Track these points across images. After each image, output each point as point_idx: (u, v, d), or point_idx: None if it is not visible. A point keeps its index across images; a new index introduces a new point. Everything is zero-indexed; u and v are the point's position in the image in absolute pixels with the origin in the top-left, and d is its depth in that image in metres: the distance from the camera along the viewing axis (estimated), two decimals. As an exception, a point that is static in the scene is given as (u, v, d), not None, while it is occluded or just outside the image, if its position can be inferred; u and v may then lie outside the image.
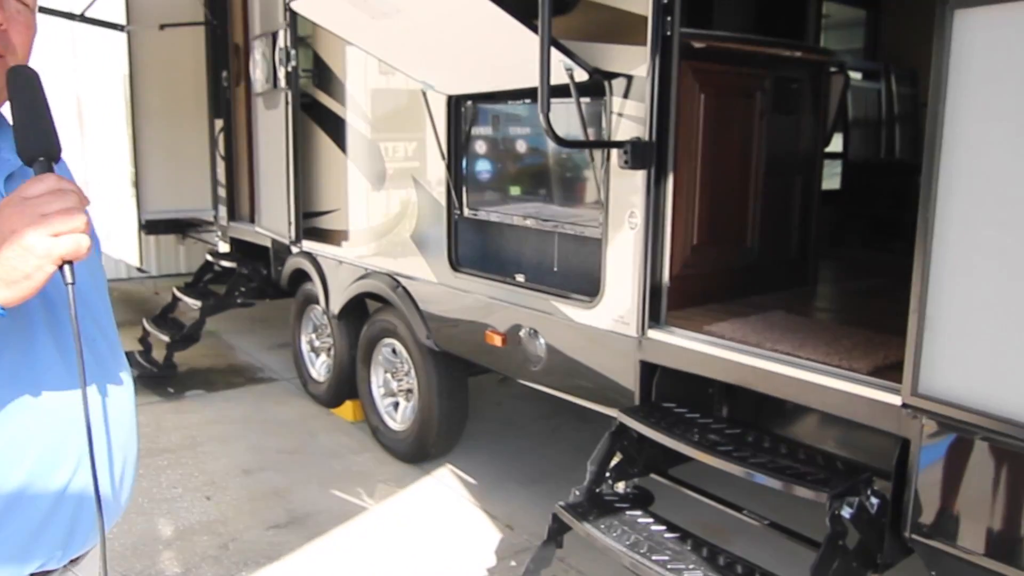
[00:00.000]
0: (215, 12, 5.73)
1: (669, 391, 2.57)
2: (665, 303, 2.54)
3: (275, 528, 3.37)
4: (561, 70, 2.54)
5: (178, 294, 5.65)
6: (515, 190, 3.22)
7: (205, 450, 4.17)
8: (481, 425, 4.33)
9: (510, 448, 4.18)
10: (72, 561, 1.06)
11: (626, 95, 2.55)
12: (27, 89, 0.96)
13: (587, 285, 2.83)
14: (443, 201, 3.43)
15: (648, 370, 2.56)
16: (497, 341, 3.16)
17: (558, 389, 3.01)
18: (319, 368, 4.86)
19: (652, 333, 2.53)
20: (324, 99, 4.35)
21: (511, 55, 2.65)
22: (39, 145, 0.93)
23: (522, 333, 3.04)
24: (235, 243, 5.85)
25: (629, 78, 2.54)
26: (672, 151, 2.48)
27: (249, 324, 6.55)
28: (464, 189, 3.38)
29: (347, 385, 4.51)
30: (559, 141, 2.43)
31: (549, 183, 3.08)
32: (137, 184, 5.88)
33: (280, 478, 3.83)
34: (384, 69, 3.88)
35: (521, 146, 3.17)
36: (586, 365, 2.80)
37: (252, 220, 5.30)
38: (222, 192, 5.83)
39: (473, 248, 3.45)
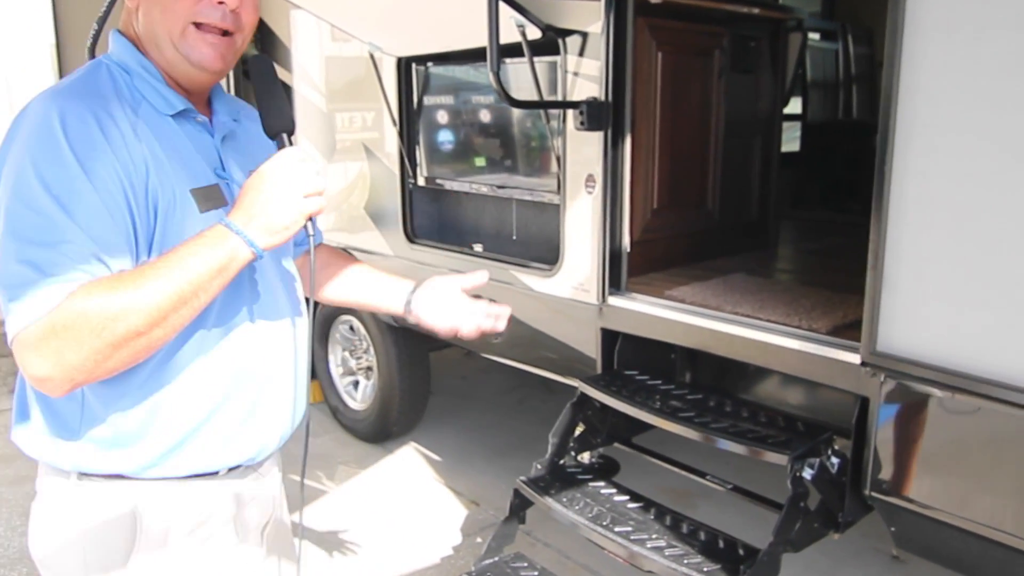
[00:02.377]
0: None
1: (631, 359, 2.59)
2: (625, 269, 2.55)
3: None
4: (512, 27, 2.51)
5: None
6: (471, 156, 3.19)
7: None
8: (445, 400, 4.34)
9: (475, 423, 4.20)
10: (259, 464, 1.30)
11: (581, 53, 2.53)
12: (267, 75, 1.19)
13: (546, 253, 2.83)
14: (396, 170, 3.39)
15: (610, 338, 2.58)
16: (456, 314, 3.14)
17: (521, 361, 3.02)
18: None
19: (612, 300, 2.54)
20: (269, 66, 4.26)
21: (461, 12, 2.61)
22: (281, 123, 1.16)
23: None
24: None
25: (584, 35, 2.52)
26: (629, 111, 2.48)
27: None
28: (418, 157, 3.34)
29: (304, 365, 4.47)
30: (511, 101, 2.41)
31: (506, 148, 3.06)
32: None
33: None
34: (332, 33, 3.81)
35: (476, 110, 3.14)
36: (548, 335, 2.81)
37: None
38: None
39: (429, 218, 3.43)
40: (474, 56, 3.02)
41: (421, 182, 3.35)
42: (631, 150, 2.51)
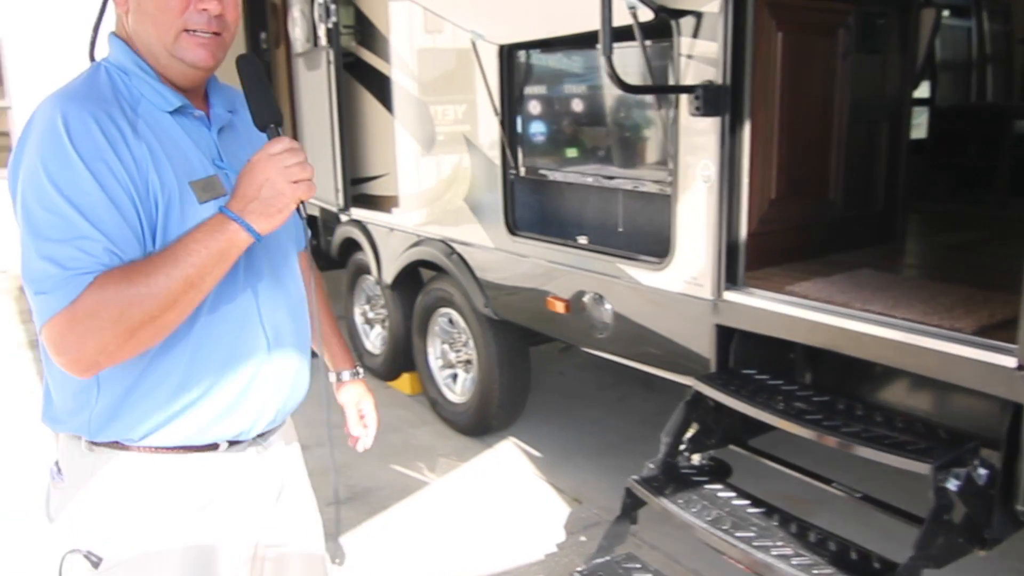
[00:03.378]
0: (251, -29, 5.72)
1: (747, 357, 2.51)
2: (743, 263, 2.47)
3: (336, 504, 3.44)
4: (623, 10, 2.45)
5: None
6: (575, 146, 3.15)
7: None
8: (543, 396, 4.33)
9: (574, 420, 4.17)
10: (261, 435, 1.39)
11: (695, 35, 2.45)
12: (254, 72, 1.27)
13: (656, 245, 2.77)
14: (498, 161, 3.39)
15: (724, 335, 2.50)
16: (559, 308, 3.13)
17: (626, 356, 2.97)
18: (374, 340, 4.91)
19: (729, 295, 2.46)
20: (368, 57, 4.33)
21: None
22: (270, 115, 1.25)
23: (586, 299, 3.00)
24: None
25: (699, 16, 2.43)
26: (748, 96, 2.38)
27: (299, 296, 6.65)
28: (520, 147, 3.32)
29: (403, 357, 4.55)
30: (624, 86, 2.36)
31: (612, 137, 3.00)
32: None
33: (338, 453, 3.86)
34: (431, 21, 3.83)
35: (580, 98, 3.09)
36: (656, 331, 2.75)
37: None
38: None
39: (531, 210, 3.41)
40: (580, 41, 2.97)
41: (523, 173, 3.33)
42: (750, 137, 2.41)
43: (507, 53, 3.24)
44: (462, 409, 4.01)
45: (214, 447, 1.32)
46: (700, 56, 2.44)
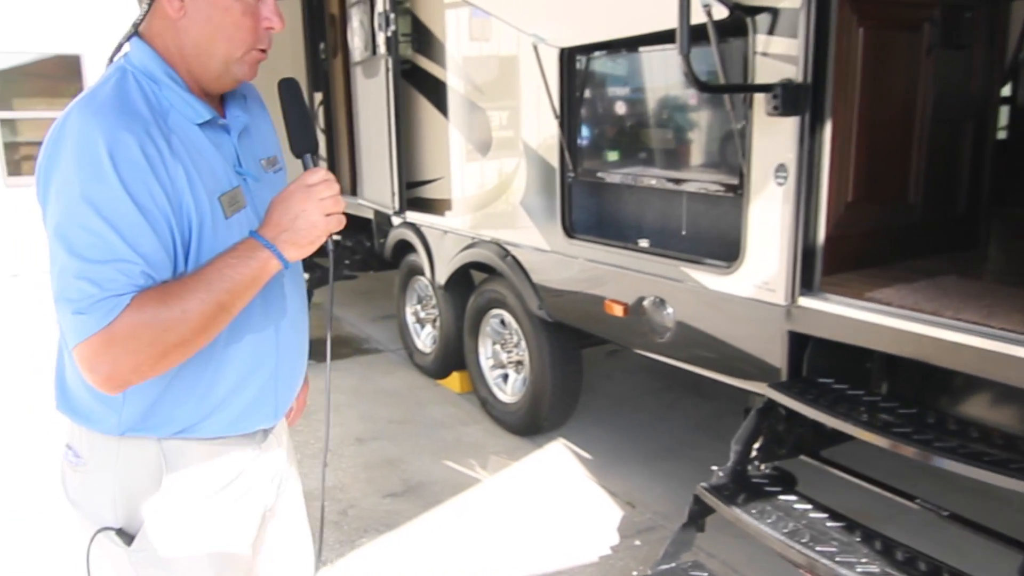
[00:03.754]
0: (311, -18, 5.60)
1: (821, 366, 2.26)
2: (820, 268, 2.22)
3: (391, 496, 3.26)
4: (695, 8, 2.22)
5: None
6: (636, 148, 2.92)
7: (319, 418, 4.09)
8: (592, 399, 4.09)
9: (626, 423, 3.93)
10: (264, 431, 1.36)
11: (771, 31, 2.21)
12: (296, 97, 1.23)
13: (723, 249, 2.53)
14: (555, 163, 3.17)
15: (798, 342, 2.26)
16: (617, 311, 2.90)
17: (687, 361, 2.74)
18: (425, 339, 4.73)
19: (804, 301, 2.21)
20: (425, 64, 4.15)
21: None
22: (308, 144, 1.22)
23: (646, 303, 2.78)
24: (337, 216, 5.76)
25: (777, 12, 2.20)
26: (829, 94, 2.14)
27: (352, 297, 6.51)
28: (578, 150, 3.11)
29: (454, 356, 4.36)
30: (701, 86, 2.13)
31: (675, 139, 2.77)
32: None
33: (393, 447, 3.72)
34: (488, 27, 3.64)
35: (642, 99, 2.87)
36: (722, 336, 2.51)
37: (354, 193, 5.19)
38: (323, 165, 5.74)
39: (588, 212, 3.19)
40: (644, 42, 2.75)
41: (581, 175, 3.12)
42: (831, 137, 2.17)
43: (568, 56, 3.03)
44: (513, 409, 3.80)
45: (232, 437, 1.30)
46: (778, 54, 2.20)
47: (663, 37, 2.58)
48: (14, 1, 7.59)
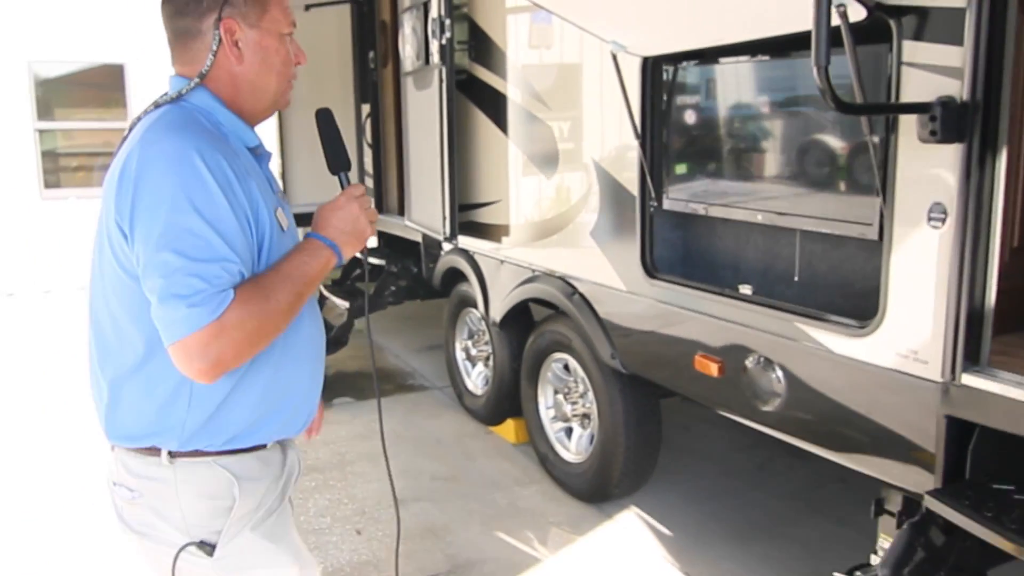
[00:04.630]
0: (361, -11, 5.38)
1: (989, 463, 1.82)
2: (988, 335, 1.79)
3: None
4: (807, 11, 1.83)
5: (325, 293, 5.36)
6: (733, 174, 2.52)
7: (355, 470, 3.79)
8: (670, 456, 3.66)
9: (708, 489, 3.50)
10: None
11: (925, 36, 1.80)
12: (331, 123, 1.50)
13: (851, 303, 2.12)
14: (634, 189, 2.79)
15: (959, 430, 1.82)
16: (712, 370, 2.50)
17: (801, 438, 2.31)
18: (476, 379, 4.38)
19: (969, 378, 1.78)
20: (483, 74, 3.83)
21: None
22: (344, 163, 1.50)
23: (749, 362, 2.36)
24: (383, 238, 5.50)
25: (930, 13, 1.79)
26: (1006, 116, 1.72)
27: (398, 323, 6.21)
28: (663, 174, 2.72)
29: (508, 401, 4.00)
30: (841, 105, 1.73)
31: (784, 164, 2.36)
32: (284, 176, 5.66)
33: (437, 512, 3.37)
34: (557, 33, 3.29)
35: (743, 116, 2.47)
36: (851, 414, 2.09)
37: (401, 213, 4.90)
38: (369, 183, 5.49)
39: (674, 248, 2.80)
40: (746, 51, 2.36)
41: (667, 204, 2.73)
42: (1005, 169, 1.75)
43: (652, 66, 2.65)
44: (578, 471, 3.41)
45: (264, 445, 1.43)
46: (934, 65, 1.79)
47: (774, 44, 2.19)
48: (58, 11, 7.60)
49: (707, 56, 2.53)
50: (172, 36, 1.38)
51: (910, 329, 1.89)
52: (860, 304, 2.06)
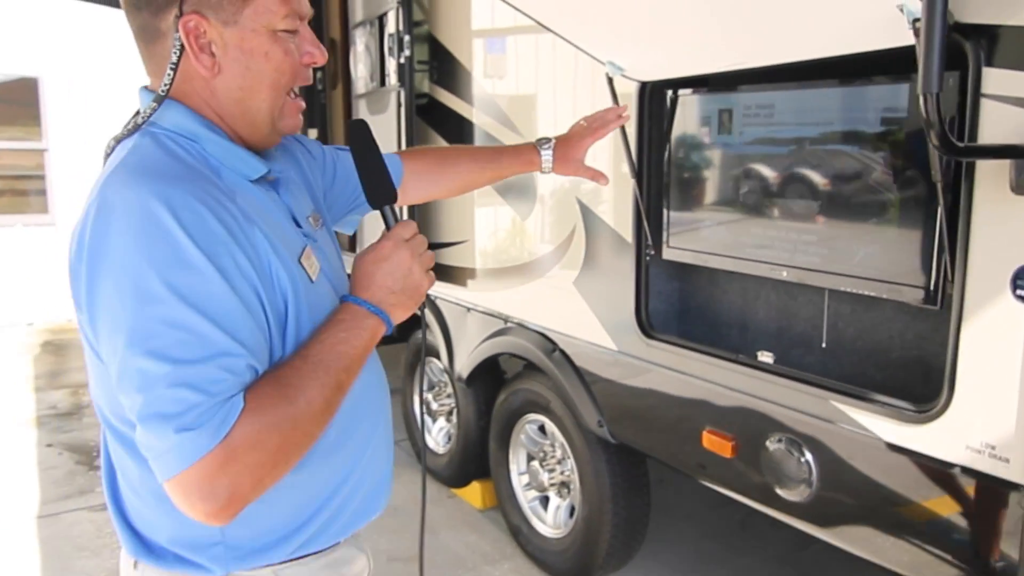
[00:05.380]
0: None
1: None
2: (1088, 430, 1.47)
3: None
4: (878, 28, 1.52)
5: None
6: (751, 220, 2.18)
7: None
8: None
9: (691, 557, 3.14)
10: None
11: (1009, 63, 1.50)
12: (368, 142, 1.12)
13: (900, 379, 1.79)
14: (627, 234, 2.44)
15: (1052, 546, 1.49)
16: (723, 449, 2.14)
17: (834, 535, 1.96)
18: (437, 436, 3.95)
19: (1066, 484, 1.46)
20: (446, 98, 3.45)
21: (761, 17, 1.65)
22: (386, 195, 1.12)
23: (771, 444, 2.01)
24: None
25: (1017, 33, 1.48)
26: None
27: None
28: (663, 218, 2.37)
29: (474, 463, 3.59)
30: (954, 149, 1.40)
31: (817, 210, 2.03)
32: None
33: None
34: (532, 52, 2.94)
35: (764, 153, 2.13)
36: (899, 514, 1.75)
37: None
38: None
39: (675, 305, 2.46)
40: (768, 76, 2.03)
41: (667, 253, 2.38)
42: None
43: (651, 93, 2.31)
44: (557, 547, 3.01)
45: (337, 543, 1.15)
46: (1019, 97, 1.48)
47: (805, 69, 1.87)
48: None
49: (719, 82, 2.20)
50: (134, 36, 1.05)
51: (985, 418, 1.56)
52: (914, 381, 1.73)
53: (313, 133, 5.09)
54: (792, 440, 1.96)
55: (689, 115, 2.27)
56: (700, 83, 2.24)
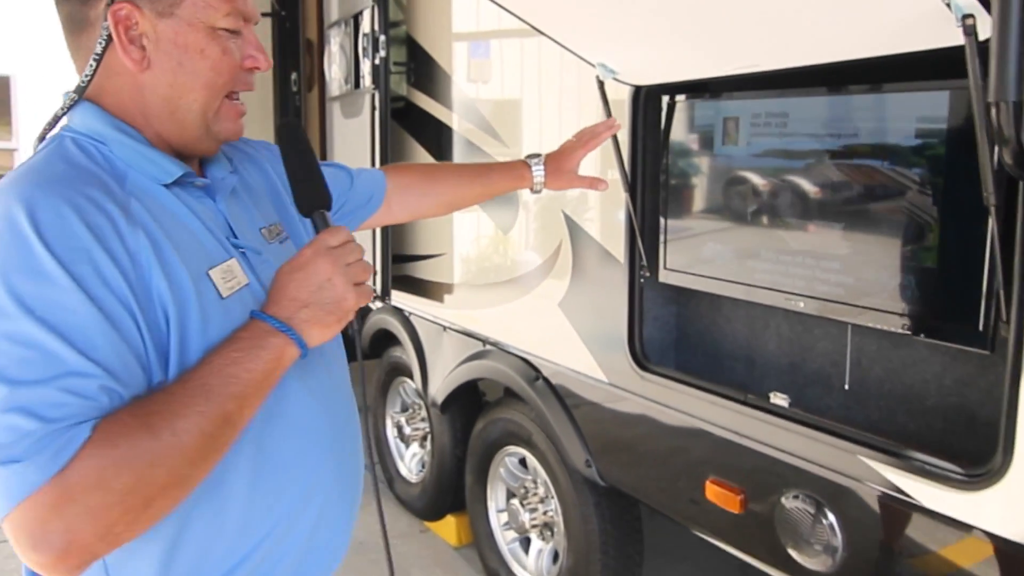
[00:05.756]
0: (283, 1, 4.69)
1: None
2: None
3: None
4: (916, 27, 1.26)
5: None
6: (762, 242, 1.89)
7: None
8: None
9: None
10: None
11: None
12: (299, 143, 1.03)
13: (938, 432, 1.52)
14: (620, 254, 2.16)
15: None
16: (729, 503, 1.86)
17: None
18: (410, 463, 3.65)
19: None
20: (424, 102, 3.17)
21: (781, 12, 1.39)
22: (318, 199, 1.01)
23: (786, 500, 1.73)
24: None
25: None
26: None
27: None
28: (661, 236, 2.09)
29: (450, 495, 3.30)
30: None
31: (842, 238, 1.74)
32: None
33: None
34: (515, 54, 2.67)
35: (775, 167, 1.85)
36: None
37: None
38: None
39: (672, 334, 2.18)
40: (779, 82, 1.76)
41: (664, 276, 2.10)
42: None
43: (646, 98, 2.04)
44: (538, 597, 2.72)
45: None
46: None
47: (820, 74, 1.60)
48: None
49: (724, 87, 1.93)
50: (61, 26, 0.97)
51: (1054, 489, 1.29)
52: (943, 432, 1.46)
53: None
54: (812, 498, 1.68)
55: (690, 123, 1.99)
56: (701, 88, 1.96)
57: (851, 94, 1.59)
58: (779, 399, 1.77)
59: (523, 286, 2.61)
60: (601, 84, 1.97)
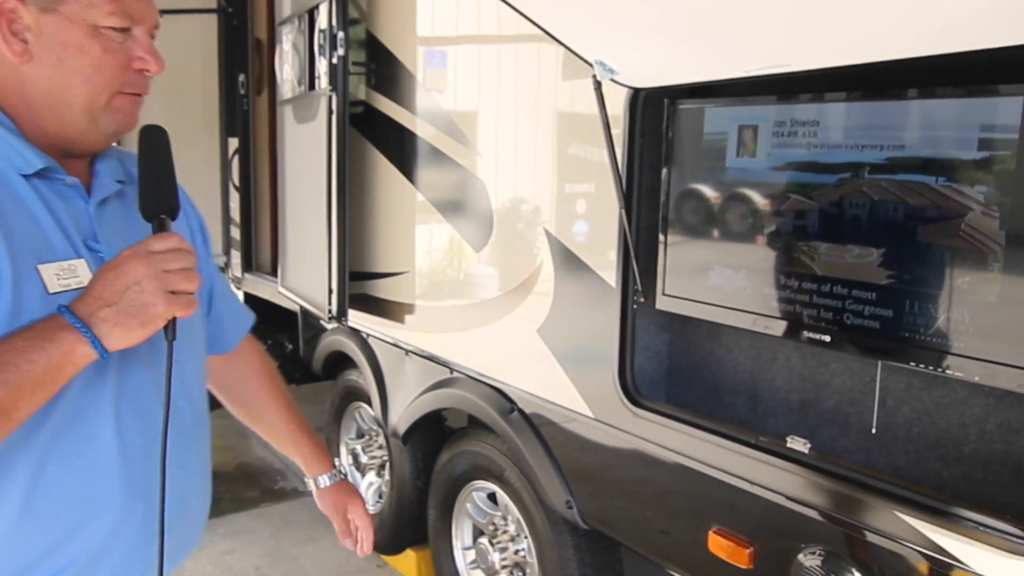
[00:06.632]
0: (231, -4, 4.36)
1: None
2: None
3: None
4: (981, 23, 1.06)
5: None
6: (780, 266, 1.67)
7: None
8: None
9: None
10: None
11: None
12: (158, 149, 1.01)
13: (976, 483, 1.33)
14: (611, 276, 1.92)
15: None
16: (738, 557, 1.63)
17: None
18: (367, 493, 3.34)
19: None
20: (386, 106, 2.89)
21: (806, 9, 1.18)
22: (161, 204, 0.99)
23: (804, 558, 1.52)
24: (252, 302, 4.38)
25: None
26: None
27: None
28: (659, 257, 1.86)
29: (410, 528, 3.02)
30: None
31: (876, 259, 1.54)
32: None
33: None
34: (491, 53, 2.43)
35: (801, 181, 1.64)
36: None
37: (275, 273, 3.83)
38: (236, 233, 4.39)
39: (667, 366, 1.95)
40: (803, 85, 1.56)
41: (661, 303, 1.87)
42: None
43: (645, 102, 1.82)
44: (509, 647, 2.46)
45: None
46: None
47: (855, 77, 1.40)
48: None
49: (732, 91, 1.71)
50: None
51: None
52: (982, 483, 1.27)
53: (235, 143, 4.45)
54: (835, 557, 1.47)
55: (697, 131, 1.77)
56: (704, 91, 1.75)
57: (896, 99, 1.39)
58: (796, 443, 1.55)
59: (497, 309, 2.35)
60: (598, 85, 1.73)
